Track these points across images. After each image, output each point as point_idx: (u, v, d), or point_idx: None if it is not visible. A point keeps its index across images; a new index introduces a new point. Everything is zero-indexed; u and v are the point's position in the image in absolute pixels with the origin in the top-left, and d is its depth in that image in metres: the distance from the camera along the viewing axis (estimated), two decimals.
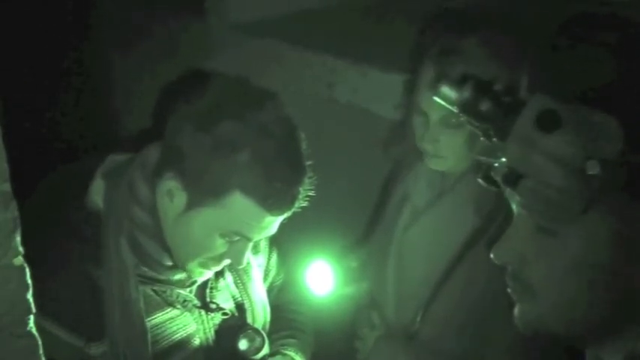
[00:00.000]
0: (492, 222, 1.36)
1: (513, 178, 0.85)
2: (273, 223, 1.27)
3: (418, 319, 1.47)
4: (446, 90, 0.95)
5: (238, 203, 1.20)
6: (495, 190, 0.89)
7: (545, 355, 1.13)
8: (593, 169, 0.79)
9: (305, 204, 1.25)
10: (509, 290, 0.93)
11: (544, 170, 0.82)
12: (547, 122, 0.82)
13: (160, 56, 2.35)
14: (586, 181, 0.80)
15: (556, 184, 0.81)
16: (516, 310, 0.92)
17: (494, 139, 0.88)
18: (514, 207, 0.90)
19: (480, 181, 0.89)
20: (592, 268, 0.84)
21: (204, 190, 1.20)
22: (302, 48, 2.12)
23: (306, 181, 1.23)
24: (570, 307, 0.87)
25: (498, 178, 0.87)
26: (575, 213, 0.81)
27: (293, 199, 1.22)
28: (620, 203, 0.81)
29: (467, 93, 0.98)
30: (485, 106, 0.92)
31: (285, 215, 1.26)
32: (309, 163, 1.24)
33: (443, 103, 0.96)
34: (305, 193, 1.23)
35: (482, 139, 0.90)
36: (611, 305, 0.85)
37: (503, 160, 0.86)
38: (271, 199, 1.20)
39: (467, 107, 0.94)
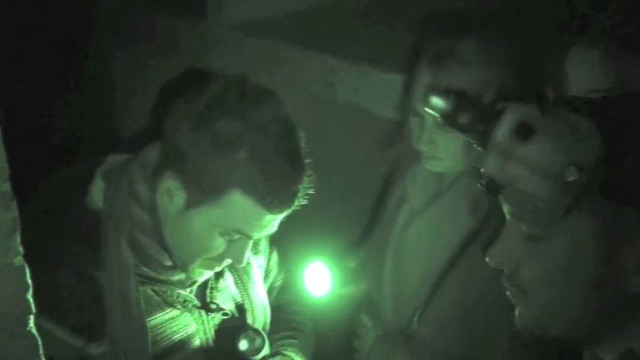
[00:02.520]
0: (489, 223, 1.36)
1: (494, 187, 0.86)
2: (273, 222, 1.27)
3: (415, 319, 1.48)
4: (434, 100, 0.98)
5: (238, 202, 1.20)
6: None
7: (544, 355, 1.13)
8: (571, 175, 0.80)
9: (305, 202, 1.25)
10: (507, 293, 0.93)
11: (522, 179, 0.83)
12: (523, 131, 0.83)
13: (160, 56, 2.35)
14: (565, 187, 0.80)
15: (535, 191, 0.82)
16: (516, 313, 0.93)
17: (479, 148, 0.89)
18: (505, 212, 0.91)
19: (479, 186, 0.90)
20: (579, 270, 0.85)
21: (204, 189, 1.20)
22: (302, 48, 2.12)
23: (306, 179, 1.23)
24: (564, 309, 0.88)
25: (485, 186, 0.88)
26: (556, 218, 0.83)
27: (292, 197, 1.22)
28: (601, 206, 0.82)
29: (448, 105, 1.04)
30: (463, 119, 0.97)
31: (285, 214, 1.26)
32: (308, 161, 1.24)
33: (431, 112, 0.98)
34: (304, 191, 1.23)
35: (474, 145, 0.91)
36: (603, 305, 0.86)
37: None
38: (270, 198, 1.20)
39: (448, 119, 0.98)
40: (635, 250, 0.82)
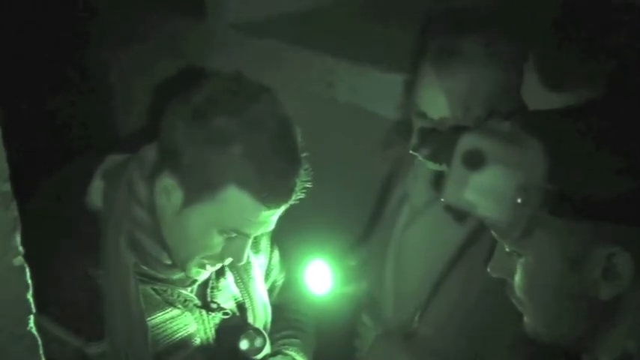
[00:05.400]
0: None
1: (457, 213, 0.91)
2: (270, 218, 1.26)
3: (416, 318, 1.48)
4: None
5: (234, 198, 1.20)
6: None
7: (544, 355, 1.14)
8: (522, 196, 0.82)
9: (302, 196, 1.24)
10: (513, 301, 0.96)
11: (478, 205, 0.85)
12: (473, 160, 0.86)
13: (159, 56, 2.35)
14: (519, 208, 0.82)
15: (492, 216, 0.85)
16: (524, 319, 0.96)
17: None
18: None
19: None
20: (550, 283, 0.88)
21: (200, 186, 1.20)
22: (302, 48, 2.12)
23: (302, 172, 1.22)
24: (554, 322, 0.91)
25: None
26: (518, 237, 0.85)
27: (289, 191, 1.22)
28: (559, 223, 0.84)
29: (414, 140, 1.18)
30: (423, 152, 1.04)
31: (283, 208, 1.26)
32: (304, 155, 1.23)
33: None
34: (301, 185, 1.23)
35: None
36: (585, 314, 0.88)
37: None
38: (266, 192, 1.20)
39: (415, 151, 1.13)
40: (596, 261, 0.84)
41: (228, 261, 1.32)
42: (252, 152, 1.17)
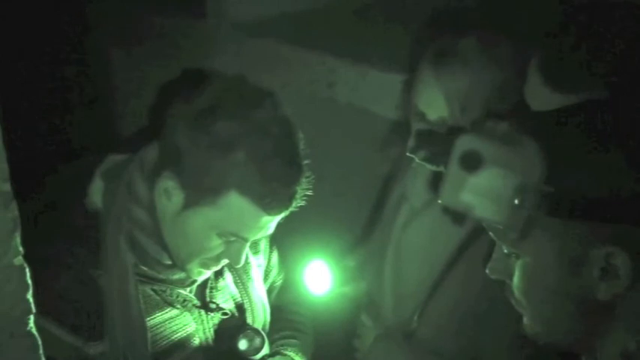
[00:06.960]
0: None
1: (455, 214, 0.91)
2: (270, 223, 1.27)
3: (415, 318, 1.48)
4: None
5: (235, 203, 1.20)
6: None
7: (544, 355, 1.14)
8: (520, 197, 0.82)
9: (303, 203, 1.24)
10: (513, 302, 0.96)
11: (476, 206, 0.85)
12: (470, 162, 0.86)
13: (159, 56, 2.35)
14: (516, 209, 0.83)
15: (490, 217, 0.85)
16: (524, 321, 0.96)
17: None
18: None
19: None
20: (548, 284, 0.89)
21: (201, 190, 1.20)
22: (302, 48, 2.12)
23: (304, 180, 1.22)
24: (554, 322, 0.91)
25: None
26: (514, 240, 0.85)
27: (290, 198, 1.22)
28: (557, 224, 0.84)
29: (411, 142, 1.19)
30: (420, 155, 1.04)
31: (283, 215, 1.26)
32: (306, 162, 1.23)
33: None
34: (302, 192, 1.23)
35: None
36: (584, 314, 0.88)
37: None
38: (268, 199, 1.20)
39: (412, 153, 1.15)
40: (594, 261, 0.84)
41: (225, 261, 1.33)
42: (255, 158, 1.16)
